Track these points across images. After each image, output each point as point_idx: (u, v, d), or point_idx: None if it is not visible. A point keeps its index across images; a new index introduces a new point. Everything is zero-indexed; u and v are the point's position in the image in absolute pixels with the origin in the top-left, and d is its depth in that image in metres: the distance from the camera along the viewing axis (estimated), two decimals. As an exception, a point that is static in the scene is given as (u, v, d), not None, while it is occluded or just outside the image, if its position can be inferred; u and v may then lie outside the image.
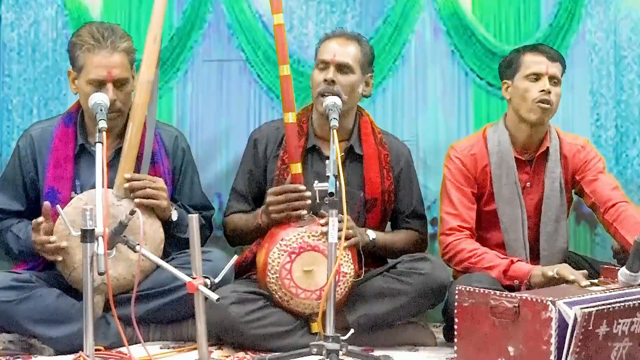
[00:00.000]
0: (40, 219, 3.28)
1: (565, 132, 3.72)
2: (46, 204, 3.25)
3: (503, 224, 3.58)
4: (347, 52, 3.56)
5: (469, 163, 3.61)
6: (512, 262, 3.40)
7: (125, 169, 3.41)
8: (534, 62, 3.54)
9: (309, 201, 3.40)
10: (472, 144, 3.65)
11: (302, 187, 3.43)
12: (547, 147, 3.60)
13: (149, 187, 3.41)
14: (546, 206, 3.59)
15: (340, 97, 3.48)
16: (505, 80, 3.62)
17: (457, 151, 3.64)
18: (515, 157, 3.59)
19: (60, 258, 3.31)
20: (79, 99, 3.54)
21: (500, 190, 3.58)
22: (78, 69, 3.44)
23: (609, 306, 2.84)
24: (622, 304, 2.87)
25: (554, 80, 3.53)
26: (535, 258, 3.56)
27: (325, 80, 3.51)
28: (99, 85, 3.39)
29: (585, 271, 3.27)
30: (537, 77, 3.52)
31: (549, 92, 3.50)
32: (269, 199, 3.45)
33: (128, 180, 3.39)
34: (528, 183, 3.61)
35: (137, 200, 3.36)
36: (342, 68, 3.54)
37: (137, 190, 3.39)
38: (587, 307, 2.78)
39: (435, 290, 3.43)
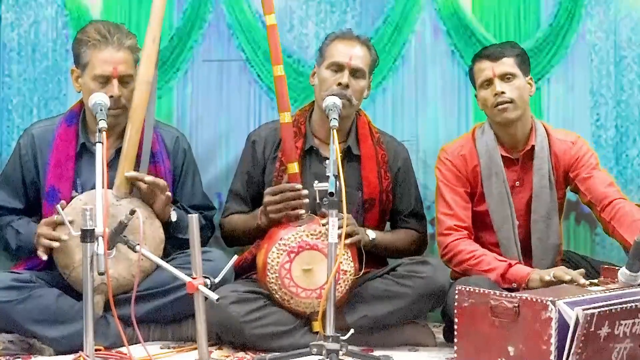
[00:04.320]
0: (56, 217, 3.27)
1: (556, 129, 3.71)
2: (57, 207, 3.23)
3: (495, 223, 3.59)
4: (360, 56, 3.57)
5: (459, 164, 3.62)
6: (510, 265, 3.41)
7: (125, 169, 3.41)
8: (480, 70, 3.57)
9: (307, 200, 3.40)
10: (462, 144, 3.67)
11: (299, 186, 3.43)
12: (533, 145, 3.60)
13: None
14: (536, 204, 3.59)
15: (351, 102, 3.49)
16: (475, 93, 3.66)
17: (447, 153, 3.66)
18: (503, 155, 3.60)
19: (56, 244, 3.29)
20: (81, 98, 3.55)
21: (490, 189, 3.59)
22: (83, 66, 3.45)
23: (611, 307, 2.84)
24: (624, 305, 2.87)
25: (506, 76, 3.53)
26: (528, 255, 3.56)
27: (340, 83, 3.50)
28: (104, 81, 3.41)
29: (582, 270, 3.27)
30: (488, 82, 3.55)
31: (503, 93, 3.50)
32: (266, 199, 3.45)
33: (128, 179, 3.39)
34: (517, 182, 3.62)
35: (140, 182, 3.35)
36: (356, 72, 3.54)
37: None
38: (589, 309, 2.78)
39: (435, 293, 3.42)
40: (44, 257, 3.31)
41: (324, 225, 3.32)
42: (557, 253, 3.62)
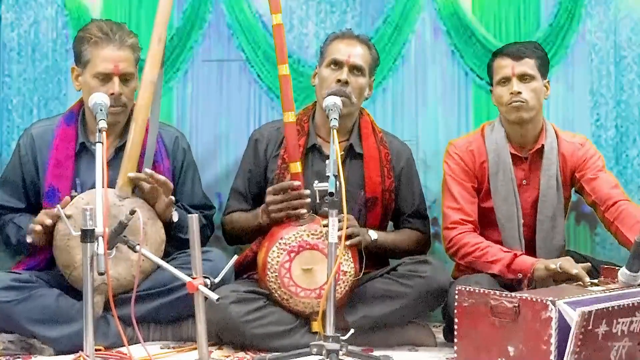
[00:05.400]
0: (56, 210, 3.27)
1: (564, 130, 3.72)
2: (57, 207, 3.21)
3: (499, 221, 3.59)
4: (360, 54, 3.58)
5: (467, 158, 3.63)
6: (515, 255, 3.42)
7: (128, 168, 3.41)
8: (500, 67, 3.57)
9: (309, 200, 3.41)
10: (471, 140, 3.68)
11: (297, 183, 3.43)
12: (543, 145, 3.60)
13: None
14: (542, 203, 3.60)
15: (350, 99, 3.49)
16: (490, 88, 3.66)
17: (455, 147, 3.66)
18: (512, 153, 3.60)
19: (38, 228, 3.29)
20: (81, 97, 3.55)
21: (496, 187, 3.59)
22: (83, 64, 3.46)
23: (608, 305, 2.84)
24: (622, 303, 2.87)
25: (524, 77, 3.54)
26: (531, 255, 3.55)
27: (339, 80, 3.51)
28: (105, 78, 3.41)
29: (588, 264, 3.28)
30: (506, 80, 3.55)
31: (519, 93, 3.51)
32: (268, 198, 3.45)
33: (131, 179, 3.39)
34: (524, 181, 3.62)
35: (142, 182, 3.36)
36: (355, 70, 3.55)
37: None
38: (586, 307, 2.78)
39: (435, 293, 3.43)
40: (28, 240, 3.33)
41: (324, 226, 3.32)
42: (560, 254, 3.61)
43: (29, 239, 3.36)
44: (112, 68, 3.41)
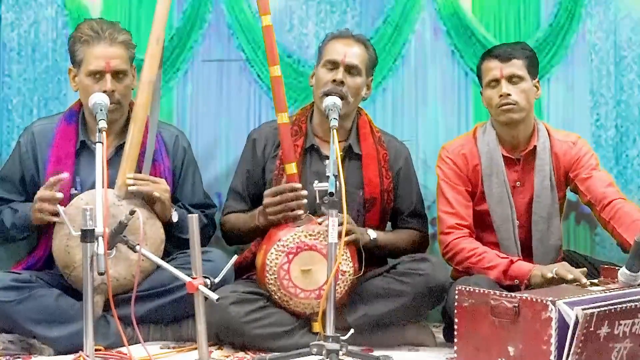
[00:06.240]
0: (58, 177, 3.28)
1: (557, 130, 3.71)
2: (58, 207, 3.20)
3: (495, 223, 3.59)
4: (356, 54, 3.57)
5: (460, 162, 3.62)
6: (512, 262, 3.41)
7: (127, 169, 3.42)
8: (488, 69, 3.56)
9: (305, 200, 3.41)
10: (463, 143, 3.67)
11: (298, 186, 3.43)
12: (535, 146, 3.60)
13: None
14: (537, 204, 3.59)
15: (347, 99, 3.49)
16: (481, 90, 3.65)
17: (448, 151, 3.66)
18: (504, 155, 3.60)
19: (56, 219, 3.29)
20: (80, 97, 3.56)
21: (490, 189, 3.59)
22: (78, 64, 3.47)
23: (610, 307, 2.84)
24: (624, 305, 2.87)
25: (513, 78, 3.53)
26: (528, 256, 3.56)
27: (334, 80, 3.51)
28: (98, 76, 3.42)
29: (584, 269, 3.27)
30: (495, 82, 3.54)
31: (509, 94, 3.50)
32: (265, 200, 3.45)
33: (129, 189, 3.39)
34: (518, 182, 3.62)
35: (133, 188, 3.36)
36: (351, 69, 3.55)
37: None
38: (589, 308, 2.78)
39: (434, 291, 3.43)
40: (55, 219, 3.31)
41: (320, 223, 3.32)
42: (557, 254, 3.62)
43: (37, 216, 3.34)
44: (103, 65, 3.42)
